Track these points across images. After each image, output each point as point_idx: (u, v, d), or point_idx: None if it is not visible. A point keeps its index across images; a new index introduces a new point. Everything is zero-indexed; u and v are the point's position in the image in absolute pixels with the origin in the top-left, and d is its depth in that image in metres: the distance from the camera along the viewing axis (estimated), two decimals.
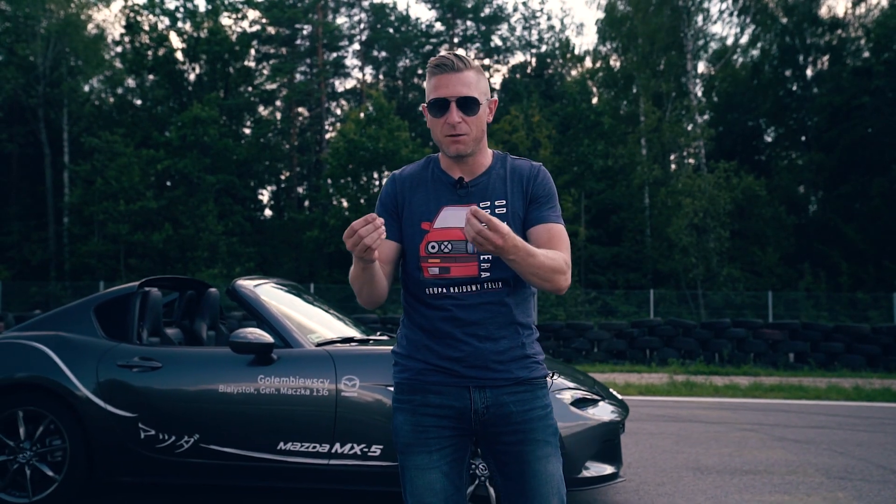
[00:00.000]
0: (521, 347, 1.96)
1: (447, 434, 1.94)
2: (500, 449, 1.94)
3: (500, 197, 1.97)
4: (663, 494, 4.58)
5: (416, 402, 1.96)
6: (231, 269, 25.48)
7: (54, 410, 4.11)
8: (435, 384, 1.95)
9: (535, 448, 1.92)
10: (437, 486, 1.93)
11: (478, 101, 1.93)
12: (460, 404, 1.93)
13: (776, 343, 13.92)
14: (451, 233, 1.94)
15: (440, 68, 1.93)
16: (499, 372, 1.93)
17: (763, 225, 25.45)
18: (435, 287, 1.94)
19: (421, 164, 2.08)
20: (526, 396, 1.94)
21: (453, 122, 1.91)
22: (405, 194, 2.02)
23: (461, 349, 1.92)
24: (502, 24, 38.72)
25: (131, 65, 30.89)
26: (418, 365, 1.97)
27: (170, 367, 4.12)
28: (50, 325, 4.44)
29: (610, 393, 4.55)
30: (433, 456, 1.93)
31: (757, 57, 30.01)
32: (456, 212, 1.95)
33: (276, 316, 4.21)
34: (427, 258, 1.95)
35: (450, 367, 1.93)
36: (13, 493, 4.11)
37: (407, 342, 2.01)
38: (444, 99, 1.91)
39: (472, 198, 1.96)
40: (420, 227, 1.97)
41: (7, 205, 29.96)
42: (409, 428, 1.96)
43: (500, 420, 1.92)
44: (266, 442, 3.94)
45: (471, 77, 1.93)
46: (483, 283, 1.92)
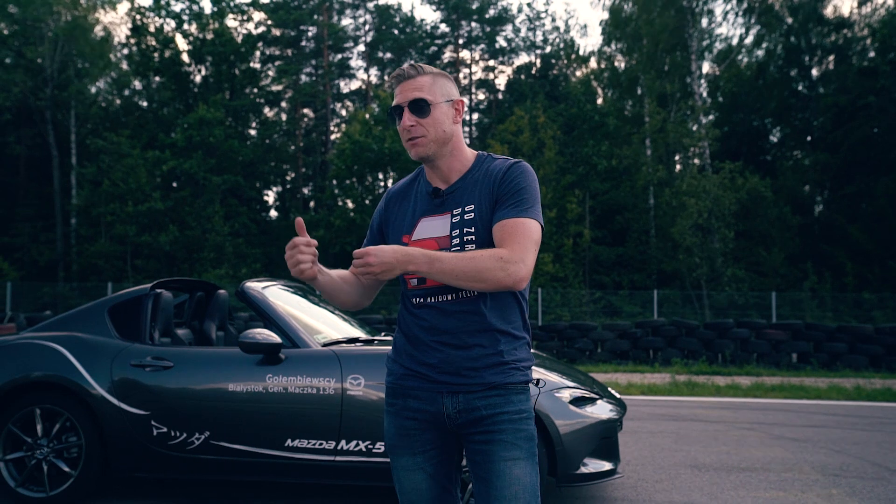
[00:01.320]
0: (497, 355, 1.94)
1: (429, 437, 1.99)
2: (471, 448, 1.96)
3: (470, 202, 1.97)
4: (661, 491, 4.70)
5: (398, 405, 2.02)
6: (237, 270, 25.64)
7: (70, 408, 4.25)
8: (413, 389, 1.99)
9: (501, 449, 1.91)
10: (422, 486, 1.99)
11: (428, 102, 1.96)
12: (434, 409, 1.97)
13: (779, 343, 13.98)
14: (426, 244, 1.96)
15: (396, 79, 2.00)
16: (471, 378, 1.94)
17: (768, 225, 25.49)
18: (417, 297, 1.99)
19: (412, 177, 2.14)
20: (498, 400, 1.94)
21: (405, 125, 1.96)
22: (390, 211, 2.10)
23: (435, 356, 1.95)
24: (507, 25, 38.83)
25: (137, 67, 31.07)
26: (400, 370, 2.03)
27: (181, 366, 4.25)
28: (65, 325, 4.58)
29: (608, 392, 4.67)
30: (417, 458, 1.99)
31: (762, 57, 30.04)
32: (432, 222, 1.99)
33: (283, 317, 4.34)
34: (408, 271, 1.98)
35: (425, 372, 1.97)
36: (31, 488, 4.25)
37: (395, 347, 2.07)
38: (398, 105, 1.98)
39: (447, 206, 1.99)
40: (401, 240, 2.01)
41: (16, 206, 30.19)
42: (394, 431, 2.02)
43: (471, 423, 1.95)
44: (274, 439, 4.07)
45: (424, 81, 1.98)
46: (458, 292, 1.94)
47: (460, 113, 2.03)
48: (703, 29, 27.86)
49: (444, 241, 1.95)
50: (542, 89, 33.12)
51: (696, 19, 27.04)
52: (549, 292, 21.79)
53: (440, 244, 1.95)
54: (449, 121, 2.00)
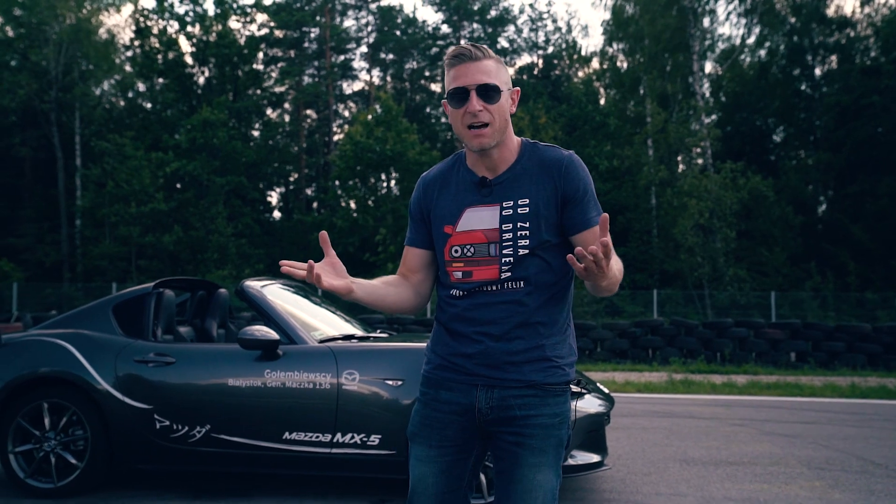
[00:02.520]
0: (539, 349, 1.89)
1: (450, 433, 1.94)
2: (500, 444, 1.92)
3: (524, 195, 1.89)
4: (648, 483, 4.83)
5: (430, 395, 1.98)
6: (240, 271, 25.81)
7: (76, 402, 4.41)
8: (447, 380, 1.95)
9: (531, 455, 1.87)
10: (429, 480, 1.93)
11: (498, 89, 1.86)
12: (466, 401, 1.91)
13: (778, 342, 14.10)
14: (473, 235, 1.90)
15: (458, 58, 1.88)
16: (510, 373, 1.88)
17: (770, 225, 25.57)
18: (459, 290, 1.93)
19: (448, 163, 2.04)
20: (534, 401, 1.89)
21: (474, 109, 1.85)
22: (431, 197, 2.00)
23: (473, 347, 1.90)
24: (509, 25, 38.97)
25: (141, 68, 31.29)
26: (436, 359, 1.98)
27: (183, 362, 4.41)
28: (71, 323, 4.74)
29: (596, 386, 4.81)
30: (432, 451, 1.94)
31: (765, 57, 30.13)
32: (479, 213, 1.91)
33: (281, 314, 4.49)
34: (451, 262, 1.94)
35: (461, 363, 1.92)
36: (39, 479, 4.42)
37: (433, 337, 2.03)
38: (463, 88, 1.86)
39: (495, 197, 1.91)
40: (443, 230, 1.95)
41: (21, 208, 30.41)
42: (419, 419, 1.98)
43: (502, 421, 1.90)
44: (272, 432, 4.22)
45: (490, 65, 1.87)
46: (503, 283, 1.88)
47: (516, 102, 1.96)
48: (705, 29, 27.94)
49: (493, 234, 1.89)
50: (544, 90, 33.23)
51: (698, 19, 27.13)
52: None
53: (488, 237, 1.89)
54: (509, 109, 1.92)
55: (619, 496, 4.52)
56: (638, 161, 26.59)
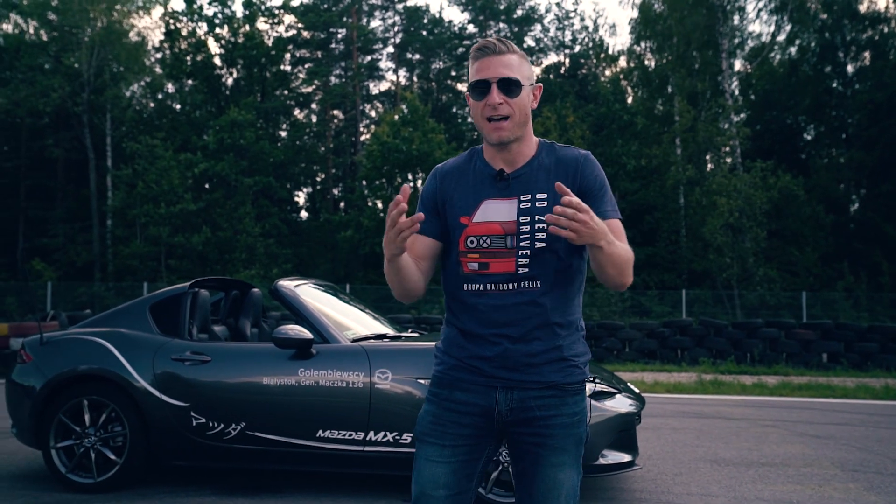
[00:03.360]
0: (557, 350, 1.90)
1: (465, 433, 1.92)
2: (520, 447, 1.93)
3: (542, 190, 1.90)
4: (679, 483, 4.82)
5: (443, 396, 1.95)
6: (268, 271, 26.01)
7: (115, 399, 4.51)
8: (463, 381, 1.93)
9: (552, 454, 1.89)
10: (440, 481, 1.90)
11: (520, 83, 1.88)
12: (485, 403, 1.91)
13: (809, 343, 13.92)
14: (490, 227, 1.90)
15: (482, 51, 1.89)
16: (529, 374, 1.89)
17: (801, 224, 25.25)
18: (473, 283, 1.91)
19: (464, 157, 2.04)
20: (553, 402, 1.90)
21: (494, 102, 1.86)
22: (447, 189, 1.98)
23: (492, 349, 1.89)
24: (535, 25, 38.86)
25: (171, 70, 31.64)
26: (451, 361, 1.96)
27: (218, 360, 4.49)
28: (110, 322, 4.85)
29: (627, 387, 4.81)
30: (445, 451, 1.91)
31: (795, 54, 29.74)
32: (496, 205, 1.91)
33: (314, 314, 4.55)
34: (466, 253, 1.92)
35: (479, 366, 1.90)
36: (80, 474, 4.53)
37: (445, 338, 2.01)
38: (485, 80, 1.87)
39: (513, 191, 1.91)
40: (459, 221, 1.93)
41: (54, 208, 30.95)
42: (430, 419, 1.95)
43: (521, 422, 1.91)
44: (306, 430, 4.28)
45: (513, 60, 1.89)
46: (520, 281, 1.88)
47: (537, 98, 1.98)
48: (734, 26, 27.65)
49: (511, 227, 1.89)
50: (571, 89, 33.10)
51: (728, 17, 26.85)
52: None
53: (506, 229, 1.89)
54: (530, 105, 1.95)
55: (650, 496, 4.52)
56: (666, 160, 26.39)
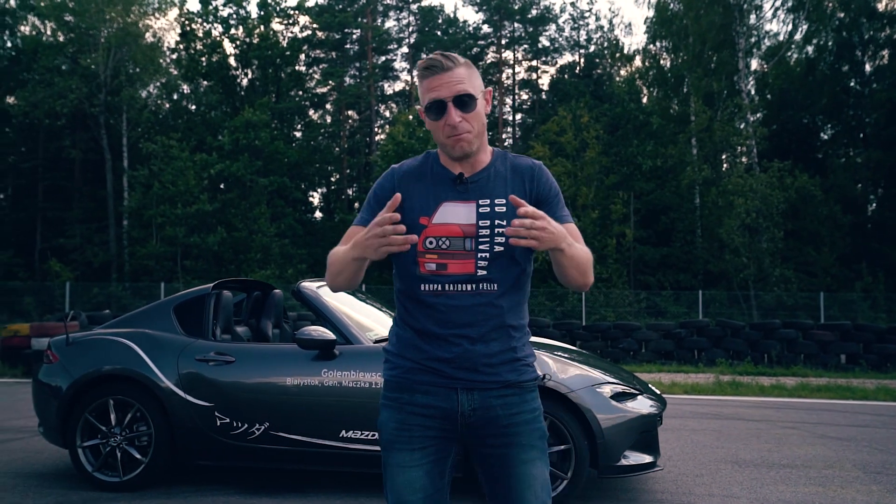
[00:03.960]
0: (511, 351, 1.93)
1: (431, 434, 1.92)
2: (485, 451, 1.94)
3: (500, 196, 1.92)
4: (701, 485, 4.82)
5: (403, 400, 1.94)
6: (283, 271, 26.09)
7: (141, 399, 4.56)
8: (423, 384, 1.93)
9: (521, 452, 1.91)
10: (416, 485, 1.91)
11: (474, 97, 1.89)
12: (447, 405, 1.91)
13: (827, 344, 13.83)
14: (449, 228, 1.90)
15: (430, 70, 1.89)
16: (488, 375, 1.91)
17: (818, 225, 25.08)
18: (430, 284, 1.90)
19: (420, 160, 2.04)
20: (514, 400, 1.93)
21: (453, 122, 1.87)
22: (403, 189, 1.96)
23: (451, 350, 1.89)
24: (550, 24, 38.81)
25: (186, 71, 31.84)
26: (407, 364, 1.95)
27: (242, 361, 4.53)
28: (135, 323, 4.90)
29: (648, 388, 4.81)
30: (415, 454, 1.91)
31: (812, 53, 29.53)
32: (455, 207, 1.92)
33: (337, 315, 4.58)
34: (424, 253, 1.91)
35: (439, 367, 1.91)
36: (106, 473, 4.59)
37: (398, 340, 1.99)
38: (441, 100, 1.87)
39: (472, 194, 1.93)
40: (418, 221, 1.91)
41: (70, 209, 31.20)
42: (394, 425, 1.94)
43: (486, 423, 1.91)
44: (329, 430, 4.31)
45: (462, 73, 1.89)
46: (478, 283, 1.89)
47: (489, 102, 1.98)
48: (750, 25, 27.51)
49: (470, 229, 1.90)
50: (586, 89, 33.03)
51: (744, 16, 26.72)
52: (592, 292, 21.78)
53: (465, 231, 1.90)
54: (484, 115, 1.95)
55: (671, 497, 4.52)
56: (682, 160, 26.29)
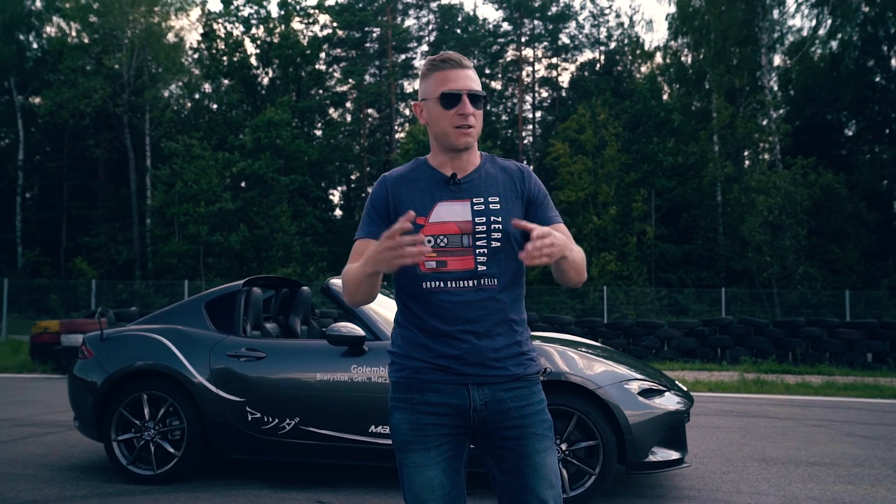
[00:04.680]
0: (516, 345, 1.99)
1: (445, 432, 1.96)
2: (498, 444, 1.97)
3: (494, 194, 2.00)
4: (728, 482, 4.82)
5: (415, 400, 1.97)
6: (304, 269, 26.25)
7: (173, 394, 4.64)
8: (433, 382, 1.96)
9: (534, 442, 1.96)
10: (434, 483, 1.94)
11: (484, 98, 2.01)
12: (459, 401, 1.95)
13: (853, 342, 13.68)
14: (446, 227, 1.96)
15: (447, 63, 1.99)
16: (496, 369, 1.96)
17: (842, 222, 24.82)
18: (431, 281, 1.95)
19: (409, 165, 2.09)
20: (523, 392, 1.98)
21: (467, 112, 1.95)
22: (397, 194, 2.03)
23: (459, 347, 1.93)
24: (570, 22, 38.67)
25: (208, 70, 32.09)
26: (416, 363, 1.98)
27: (273, 357, 4.59)
28: (167, 319, 4.98)
29: (675, 384, 4.81)
30: (431, 453, 1.94)
31: (836, 48, 29.20)
32: (450, 206, 1.97)
33: (366, 311, 4.63)
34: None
35: (448, 364, 1.94)
36: (140, 466, 4.68)
37: (403, 341, 2.02)
38: (457, 91, 1.96)
39: (465, 193, 1.99)
40: (415, 221, 1.94)
41: (95, 208, 31.59)
42: (408, 426, 1.97)
43: (498, 416, 1.96)
44: (359, 425, 4.36)
45: (475, 75, 2.01)
46: (479, 279, 1.95)
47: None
48: (773, 21, 27.26)
49: (467, 227, 1.96)
50: (607, 86, 32.89)
51: (767, 11, 26.49)
52: (613, 290, 21.73)
53: (462, 229, 1.96)
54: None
55: (699, 493, 4.52)
56: (703, 157, 26.13)
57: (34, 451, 5.63)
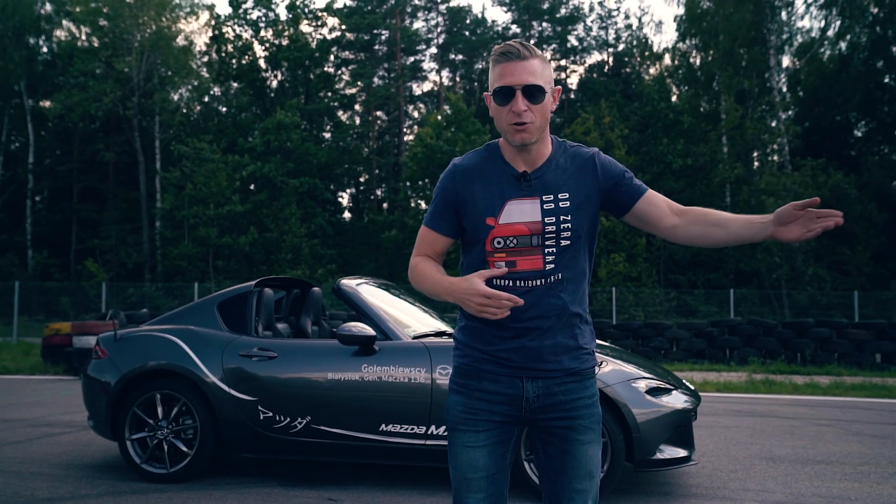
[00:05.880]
0: (573, 339, 2.01)
1: (496, 419, 2.01)
2: (547, 430, 2.02)
3: (564, 190, 1.98)
4: (735, 480, 4.85)
5: (472, 386, 2.02)
6: (314, 271, 26.34)
7: (186, 394, 4.70)
8: (490, 372, 2.01)
9: (580, 433, 2.00)
10: (479, 463, 1.99)
11: (543, 90, 1.93)
12: (513, 392, 2.00)
13: (862, 343, 13.67)
14: (516, 228, 1.96)
15: (505, 56, 1.93)
16: (551, 363, 1.99)
17: (852, 223, 24.73)
18: (501, 280, 1.97)
19: (482, 154, 2.07)
20: (575, 387, 2.01)
21: (519, 110, 1.91)
22: (467, 186, 2.02)
23: (520, 342, 1.98)
24: (578, 24, 38.69)
25: (217, 73, 32.25)
26: (476, 353, 2.03)
27: (284, 356, 4.65)
28: (179, 319, 5.06)
29: (683, 383, 4.85)
30: (479, 436, 1.99)
31: (845, 49, 29.11)
32: (520, 205, 1.97)
33: (376, 311, 4.69)
34: (493, 253, 1.98)
35: (506, 356, 1.99)
36: (154, 465, 4.74)
37: (468, 331, 2.06)
38: (510, 87, 1.91)
39: (536, 191, 1.98)
40: (485, 222, 1.98)
41: (105, 210, 31.77)
42: (461, 409, 2.02)
43: (548, 408, 2.00)
44: (369, 424, 4.42)
45: (536, 65, 1.93)
46: (547, 277, 1.96)
47: (556, 100, 2.04)
48: (782, 22, 27.21)
49: (536, 227, 1.96)
50: (616, 87, 32.89)
51: (776, 12, 26.45)
52: (622, 292, 21.73)
53: (531, 229, 1.96)
54: (550, 108, 2.00)
55: (706, 491, 4.56)
56: (713, 158, 26.10)
57: (49, 451, 5.71)
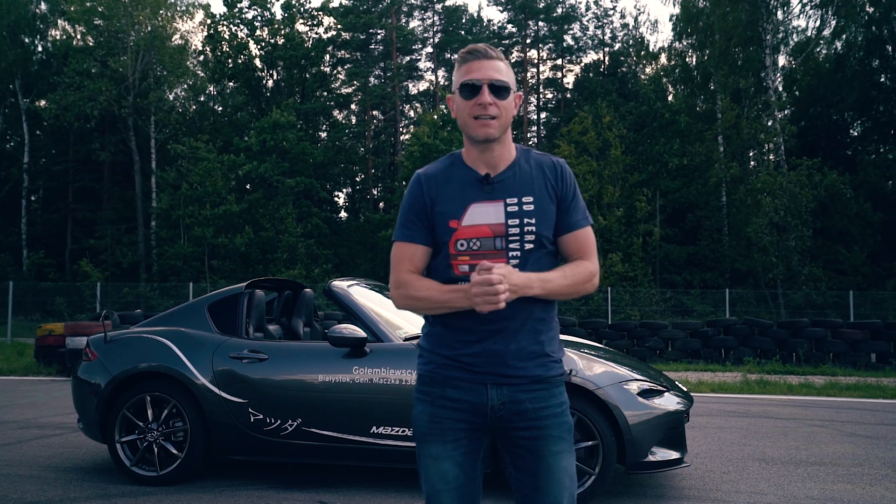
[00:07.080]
0: (539, 345, 1.97)
1: (462, 427, 1.97)
2: (514, 443, 1.98)
3: (528, 193, 1.97)
4: (728, 481, 4.84)
5: (435, 394, 1.99)
6: (310, 271, 26.29)
7: (177, 396, 4.68)
8: (453, 379, 1.97)
9: (550, 444, 1.95)
10: (449, 476, 1.96)
11: (508, 88, 1.96)
12: (477, 399, 1.95)
13: (857, 343, 13.66)
14: (479, 230, 1.95)
15: (472, 55, 1.97)
16: (516, 370, 1.95)
17: (847, 223, 24.78)
18: (464, 283, 1.94)
19: (445, 162, 2.07)
20: (542, 394, 1.97)
21: (485, 101, 1.92)
22: (432, 193, 2.01)
23: (482, 346, 1.94)
24: (574, 23, 38.69)
25: (213, 73, 32.17)
26: (439, 359, 2.00)
27: (275, 358, 4.63)
28: (170, 321, 5.03)
29: (675, 385, 4.84)
30: (447, 446, 1.96)
31: (841, 48, 29.16)
32: (483, 208, 1.96)
33: (367, 313, 4.67)
34: (456, 256, 1.97)
35: (469, 362, 1.95)
36: (144, 467, 4.71)
37: (431, 337, 2.04)
38: (476, 82, 1.94)
39: (498, 193, 1.97)
40: (448, 225, 1.97)
41: (100, 210, 31.69)
42: (427, 418, 1.99)
43: (515, 416, 1.95)
44: (360, 426, 4.40)
45: (501, 66, 1.97)
46: None
47: (517, 106, 2.04)
48: (777, 21, 27.23)
49: (499, 229, 1.95)
50: (612, 87, 32.89)
51: (771, 12, 26.46)
52: (618, 291, 21.74)
53: (494, 231, 1.95)
54: (512, 110, 2.00)
55: (698, 493, 4.54)
56: (708, 158, 26.12)
57: (39, 453, 5.68)
